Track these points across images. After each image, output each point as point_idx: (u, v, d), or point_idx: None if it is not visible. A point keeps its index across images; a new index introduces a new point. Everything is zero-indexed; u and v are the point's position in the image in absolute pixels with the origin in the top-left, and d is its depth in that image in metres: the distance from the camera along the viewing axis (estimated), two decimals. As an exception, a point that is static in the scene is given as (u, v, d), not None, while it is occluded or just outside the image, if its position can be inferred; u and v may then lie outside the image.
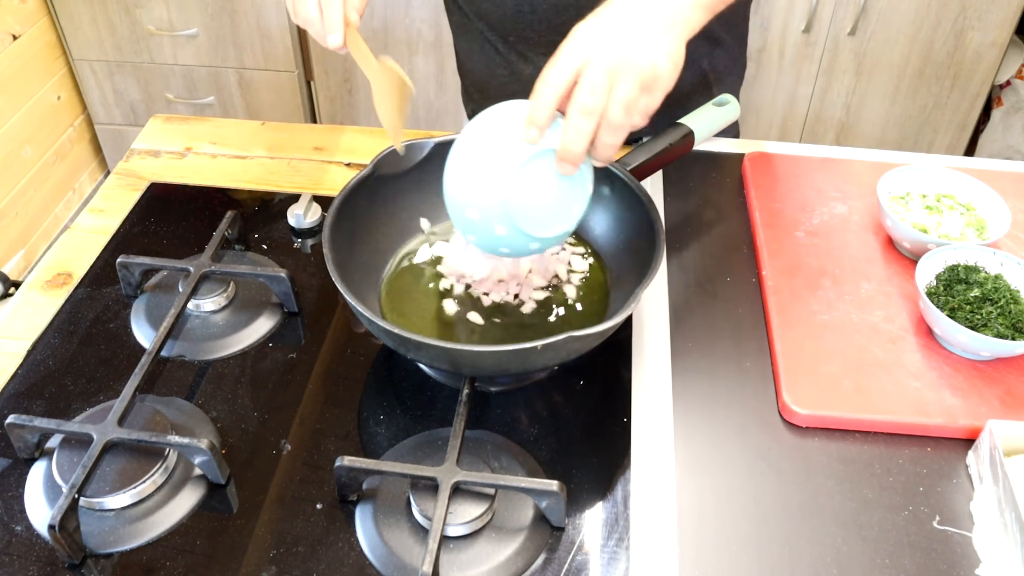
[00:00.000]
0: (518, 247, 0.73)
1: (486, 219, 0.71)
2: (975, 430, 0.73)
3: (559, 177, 0.70)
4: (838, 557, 0.66)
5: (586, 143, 0.67)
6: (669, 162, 0.89)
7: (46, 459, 0.71)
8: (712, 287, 0.88)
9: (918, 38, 2.08)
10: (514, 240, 0.72)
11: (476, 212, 0.71)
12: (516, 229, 0.70)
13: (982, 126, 2.34)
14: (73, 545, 0.64)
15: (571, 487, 0.69)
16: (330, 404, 0.77)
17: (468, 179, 0.71)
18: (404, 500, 0.68)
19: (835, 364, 0.79)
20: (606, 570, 0.65)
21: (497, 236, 0.72)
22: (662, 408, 0.76)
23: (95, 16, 2.23)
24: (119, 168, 1.06)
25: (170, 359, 0.81)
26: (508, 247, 0.73)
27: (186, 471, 0.71)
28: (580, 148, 0.67)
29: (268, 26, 2.19)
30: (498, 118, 0.71)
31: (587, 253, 0.89)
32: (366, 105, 2.36)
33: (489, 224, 0.71)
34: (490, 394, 0.78)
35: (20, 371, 0.80)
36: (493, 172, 0.69)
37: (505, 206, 0.69)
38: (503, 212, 0.69)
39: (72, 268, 0.91)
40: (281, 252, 0.93)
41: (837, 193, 0.99)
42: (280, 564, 0.65)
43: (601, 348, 0.76)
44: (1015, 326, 0.76)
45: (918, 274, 0.81)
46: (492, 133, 0.70)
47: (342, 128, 1.14)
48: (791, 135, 2.32)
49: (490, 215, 0.70)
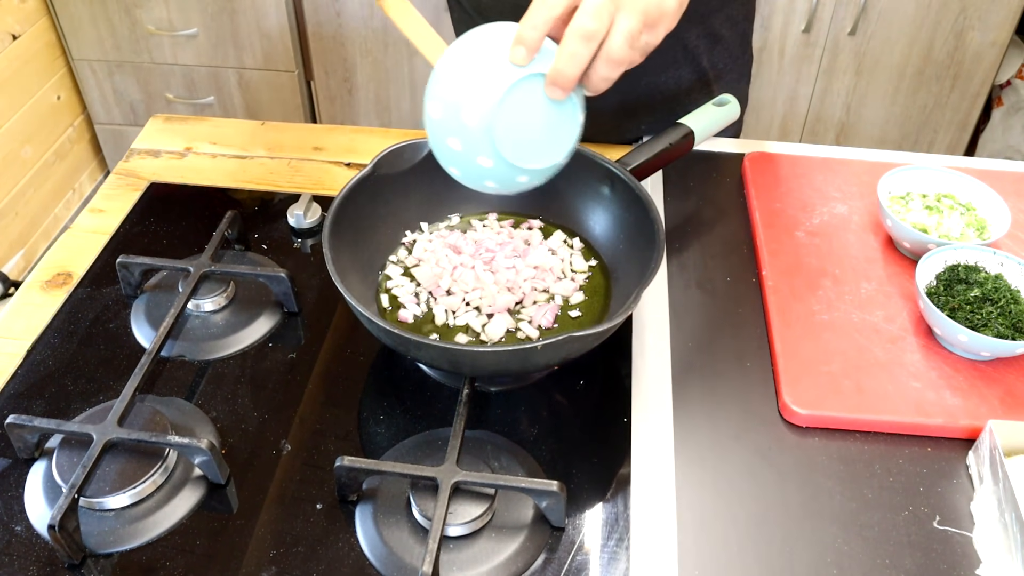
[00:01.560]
0: (504, 180, 0.68)
1: (469, 149, 0.66)
2: (975, 430, 0.73)
3: (548, 104, 0.65)
4: (838, 557, 0.66)
5: (580, 69, 0.63)
6: (669, 162, 0.89)
7: (46, 459, 0.71)
8: (712, 287, 0.88)
9: (918, 38, 2.09)
10: (500, 173, 0.67)
11: (458, 141, 0.66)
12: (501, 159, 0.66)
13: (982, 126, 2.34)
14: (73, 545, 0.64)
15: (571, 487, 0.69)
16: (330, 404, 0.77)
17: (450, 104, 0.65)
18: (404, 500, 0.68)
19: (835, 364, 0.79)
20: (606, 570, 0.65)
21: (481, 168, 0.67)
22: (662, 408, 0.76)
23: (95, 16, 2.23)
24: (119, 168, 1.06)
25: (170, 359, 0.81)
26: (494, 180, 0.68)
27: (186, 471, 0.71)
28: (573, 73, 0.63)
29: (268, 26, 2.19)
30: (485, 38, 0.65)
31: (588, 253, 0.89)
32: (366, 105, 2.37)
33: (473, 154, 0.66)
34: (490, 394, 0.78)
35: (20, 371, 0.80)
36: (476, 96, 0.64)
37: (489, 133, 0.64)
38: (487, 140, 0.64)
39: (72, 268, 0.91)
40: (281, 252, 0.93)
41: (837, 193, 0.99)
42: (280, 564, 0.65)
43: (601, 348, 0.76)
44: (1015, 326, 0.76)
45: (918, 274, 0.81)
46: (477, 54, 0.65)
47: (342, 128, 1.14)
48: (791, 135, 2.32)
49: (473, 144, 0.66)
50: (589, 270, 0.87)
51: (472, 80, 0.64)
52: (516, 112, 0.64)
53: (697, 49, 1.06)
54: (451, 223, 0.92)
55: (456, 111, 0.65)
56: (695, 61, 1.07)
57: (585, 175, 0.87)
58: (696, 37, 1.05)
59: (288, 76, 2.29)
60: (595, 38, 0.62)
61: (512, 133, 0.65)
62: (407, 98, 2.33)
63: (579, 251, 0.89)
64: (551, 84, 0.64)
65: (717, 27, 1.06)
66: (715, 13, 1.05)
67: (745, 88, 1.17)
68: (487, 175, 0.68)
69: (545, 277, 0.85)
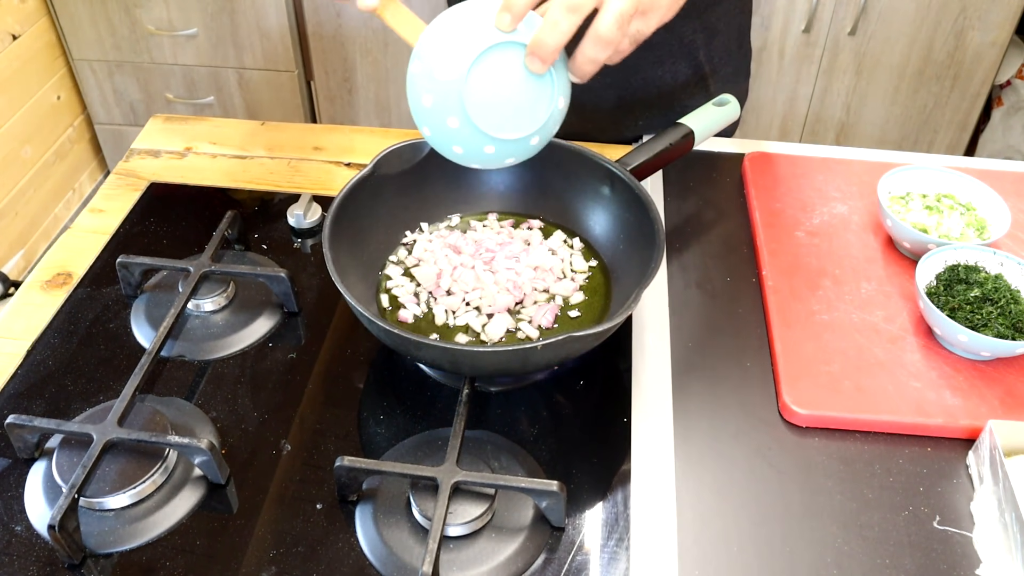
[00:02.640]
0: (471, 147, 0.68)
1: (440, 106, 0.66)
2: (975, 430, 0.73)
3: (526, 77, 0.65)
4: (838, 557, 0.66)
5: (561, 40, 0.62)
6: (669, 162, 0.89)
7: (46, 459, 0.71)
8: (712, 287, 0.88)
9: (918, 38, 2.09)
10: (467, 137, 0.67)
11: (431, 97, 0.66)
12: (469, 122, 0.65)
13: (982, 126, 2.34)
14: (73, 545, 0.64)
15: (571, 487, 0.69)
16: (330, 404, 0.77)
17: (428, 61, 0.65)
18: (404, 500, 0.68)
19: (835, 364, 0.79)
20: (606, 570, 0.65)
21: (449, 129, 0.67)
22: (662, 408, 0.76)
23: (95, 16, 2.23)
24: (119, 168, 1.06)
25: (170, 359, 0.81)
26: (460, 145, 0.68)
27: (186, 471, 0.71)
28: (554, 44, 0.62)
29: (268, 26, 2.19)
30: (475, 6, 0.65)
31: (588, 253, 0.89)
32: (366, 105, 2.37)
33: (442, 113, 0.66)
34: (490, 394, 0.78)
35: (20, 371, 0.80)
36: (453, 54, 0.64)
37: (459, 92, 0.64)
38: (456, 99, 0.64)
39: (72, 268, 0.91)
40: (281, 252, 0.93)
41: (837, 193, 0.99)
42: (280, 564, 0.65)
43: (601, 348, 0.76)
44: (1015, 326, 0.76)
45: (918, 274, 0.81)
46: (462, 18, 0.65)
47: (342, 128, 1.14)
48: (791, 135, 2.32)
49: (444, 102, 0.65)
50: (589, 270, 0.87)
51: (451, 39, 0.64)
52: (491, 78, 0.64)
53: (694, 43, 1.06)
54: (451, 223, 0.92)
55: (432, 67, 0.65)
56: (692, 55, 1.07)
57: (585, 175, 0.87)
58: (693, 31, 1.05)
59: (288, 76, 2.29)
60: (580, 11, 0.61)
61: (484, 98, 0.65)
62: (407, 98, 2.33)
63: (579, 251, 0.89)
64: (530, 54, 0.63)
65: (714, 21, 1.06)
66: (712, 7, 1.05)
67: (744, 83, 1.17)
68: (455, 138, 0.68)
69: (545, 277, 0.85)
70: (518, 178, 0.93)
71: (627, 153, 0.87)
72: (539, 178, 0.91)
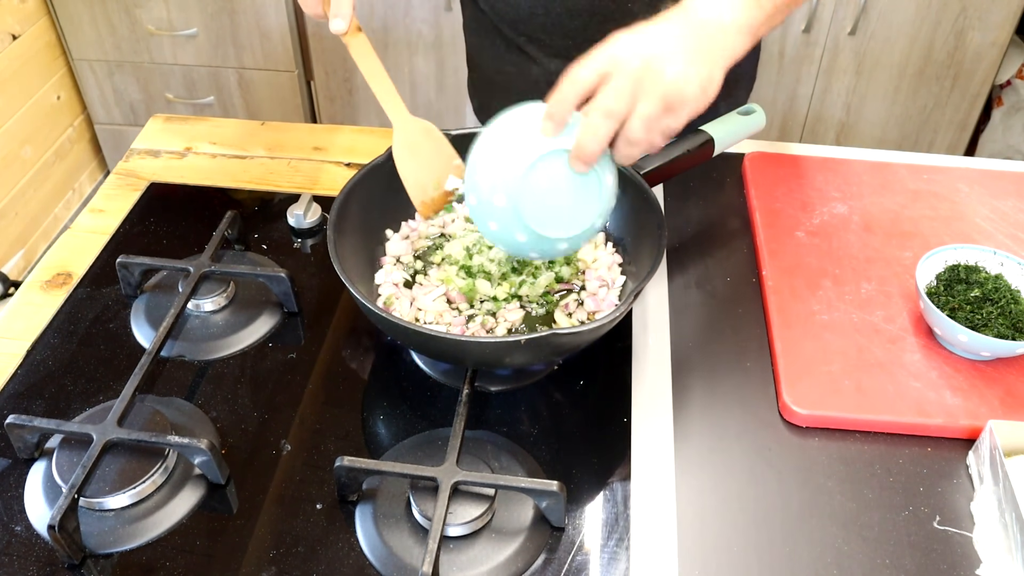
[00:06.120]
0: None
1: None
2: (975, 430, 0.73)
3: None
4: (838, 557, 0.66)
5: (600, 144, 0.66)
6: (686, 169, 0.87)
7: (46, 459, 0.71)
8: (712, 287, 0.88)
9: (918, 38, 2.08)
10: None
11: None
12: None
13: (982, 126, 2.34)
14: (73, 545, 0.64)
15: (571, 487, 0.69)
16: (330, 404, 0.77)
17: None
18: (404, 500, 0.68)
19: (835, 364, 0.78)
20: (606, 570, 0.65)
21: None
22: (662, 408, 0.76)
23: (95, 16, 2.23)
24: (119, 168, 1.06)
25: (170, 359, 0.81)
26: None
27: (186, 471, 0.71)
28: (593, 148, 0.66)
29: (268, 26, 2.19)
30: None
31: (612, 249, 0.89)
32: (366, 105, 2.36)
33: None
34: (490, 394, 0.78)
35: (20, 371, 0.80)
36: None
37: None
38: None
39: (72, 268, 0.91)
40: (281, 252, 0.93)
41: (837, 193, 0.99)
42: (280, 564, 0.65)
43: (601, 348, 0.76)
44: (1015, 326, 0.76)
45: (918, 274, 0.81)
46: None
47: (342, 128, 1.14)
48: (791, 135, 2.32)
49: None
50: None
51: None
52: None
53: None
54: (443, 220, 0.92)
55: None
56: None
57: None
58: None
59: (288, 76, 2.29)
60: (615, 116, 0.65)
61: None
62: (407, 98, 2.33)
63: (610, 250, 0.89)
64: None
65: None
66: None
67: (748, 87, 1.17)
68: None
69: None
70: None
71: (642, 157, 0.86)
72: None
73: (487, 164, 0.70)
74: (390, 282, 0.84)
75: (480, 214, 0.72)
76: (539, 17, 0.99)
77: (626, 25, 0.67)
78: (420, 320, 0.81)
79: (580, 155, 0.67)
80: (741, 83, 1.13)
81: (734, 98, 1.12)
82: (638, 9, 0.95)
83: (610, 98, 0.64)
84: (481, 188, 0.70)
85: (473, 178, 0.71)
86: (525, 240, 0.71)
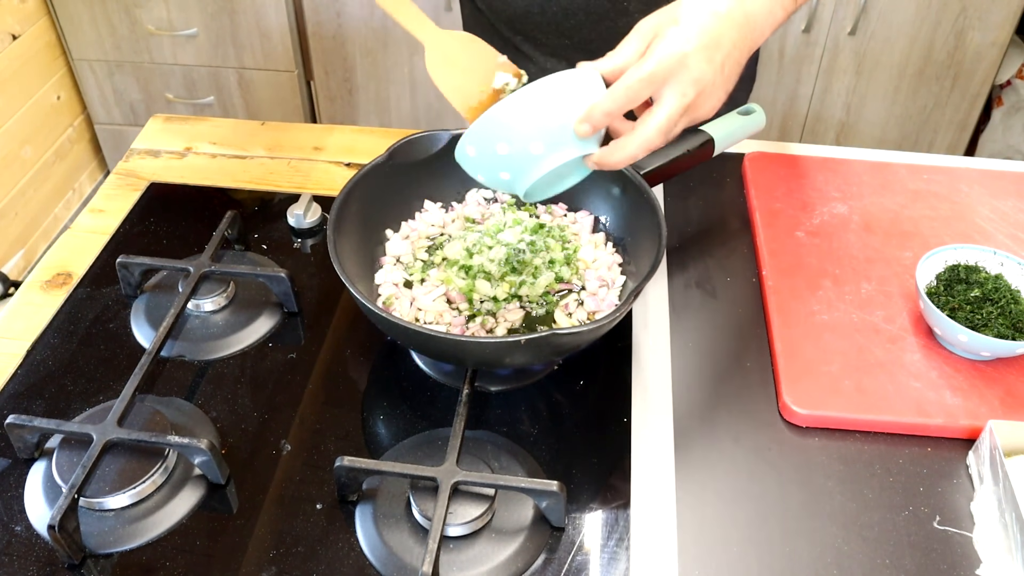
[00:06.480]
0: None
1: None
2: (975, 430, 0.73)
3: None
4: (838, 557, 0.66)
5: (625, 163, 0.68)
6: (686, 169, 0.87)
7: (46, 459, 0.71)
8: (712, 287, 0.88)
9: (918, 38, 2.08)
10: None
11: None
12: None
13: (982, 126, 2.34)
14: (73, 545, 0.64)
15: (571, 487, 0.69)
16: (330, 404, 0.77)
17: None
18: (404, 500, 0.68)
19: (835, 364, 0.78)
20: (606, 570, 0.65)
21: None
22: (662, 408, 0.76)
23: (95, 16, 2.23)
24: (119, 168, 1.06)
25: (170, 359, 0.81)
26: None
27: (186, 471, 0.71)
28: (616, 163, 0.68)
29: (268, 26, 2.19)
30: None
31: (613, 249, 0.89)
32: (366, 105, 2.36)
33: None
34: (490, 394, 0.78)
35: (20, 371, 0.80)
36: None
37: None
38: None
39: (72, 268, 0.91)
40: (281, 252, 0.93)
41: (837, 193, 0.99)
42: (280, 564, 0.65)
43: (601, 348, 0.76)
44: (1015, 326, 0.76)
45: (918, 274, 0.81)
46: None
47: (342, 128, 1.14)
48: (791, 135, 2.32)
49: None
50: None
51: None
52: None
53: None
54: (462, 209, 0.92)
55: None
56: None
57: (598, 175, 0.87)
58: None
59: (288, 76, 2.29)
60: (649, 147, 0.67)
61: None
62: (407, 98, 2.33)
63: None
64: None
65: None
66: None
67: (748, 88, 1.17)
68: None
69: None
70: None
71: None
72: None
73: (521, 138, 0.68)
74: (390, 282, 0.84)
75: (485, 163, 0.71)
76: (535, 16, 0.99)
77: (622, 25, 0.68)
78: (420, 320, 0.81)
79: (603, 164, 0.69)
80: (741, 83, 1.13)
81: (734, 98, 1.12)
82: (634, 8, 0.95)
83: (658, 135, 0.66)
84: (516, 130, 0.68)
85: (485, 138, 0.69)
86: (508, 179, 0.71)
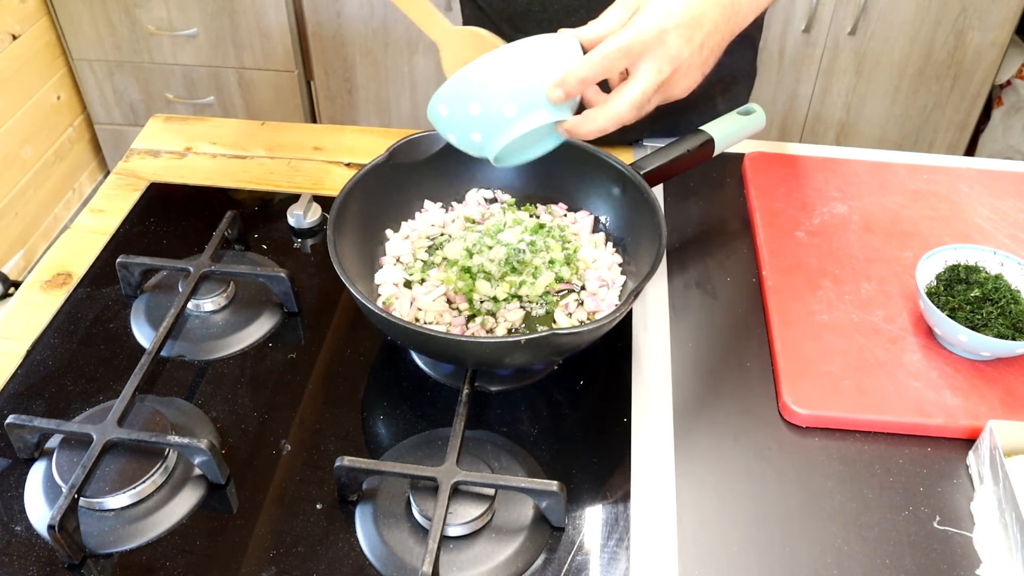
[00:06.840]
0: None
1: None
2: (975, 430, 0.73)
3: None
4: (838, 557, 0.66)
5: (593, 135, 0.68)
6: (686, 169, 0.87)
7: (46, 459, 0.71)
8: (712, 287, 0.88)
9: (918, 38, 2.08)
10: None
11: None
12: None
13: (982, 126, 2.34)
14: (73, 545, 0.64)
15: (571, 487, 0.69)
16: (330, 404, 0.77)
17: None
18: (404, 500, 0.68)
19: (835, 364, 0.79)
20: (606, 570, 0.65)
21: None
22: (662, 408, 0.76)
23: (95, 16, 2.23)
24: (119, 168, 1.06)
25: (170, 359, 0.81)
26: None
27: (186, 471, 0.71)
28: (587, 134, 0.68)
29: (268, 26, 2.19)
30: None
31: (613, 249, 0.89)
32: (366, 105, 2.36)
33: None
34: (490, 394, 0.78)
35: (20, 371, 0.80)
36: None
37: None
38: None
39: (72, 268, 0.91)
40: (281, 252, 0.93)
41: (837, 193, 0.99)
42: (280, 564, 0.65)
43: (601, 348, 0.76)
44: (1015, 326, 0.76)
45: (918, 274, 0.81)
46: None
47: (342, 128, 1.14)
48: (791, 135, 2.32)
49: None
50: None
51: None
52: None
53: None
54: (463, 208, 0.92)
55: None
56: None
57: (598, 175, 0.87)
58: None
59: (288, 76, 2.29)
60: (618, 122, 0.67)
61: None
62: (407, 98, 2.33)
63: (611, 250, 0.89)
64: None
65: None
66: None
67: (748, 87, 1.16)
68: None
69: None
70: (531, 176, 0.92)
71: (642, 156, 0.86)
72: (551, 175, 0.91)
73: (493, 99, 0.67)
74: (390, 282, 0.84)
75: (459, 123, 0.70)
76: (536, 14, 0.99)
77: None
78: (420, 320, 0.81)
79: (575, 133, 0.68)
80: (741, 83, 1.13)
81: (734, 98, 1.12)
82: None
83: (631, 110, 0.66)
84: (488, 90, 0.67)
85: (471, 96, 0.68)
86: (479, 141, 0.71)
